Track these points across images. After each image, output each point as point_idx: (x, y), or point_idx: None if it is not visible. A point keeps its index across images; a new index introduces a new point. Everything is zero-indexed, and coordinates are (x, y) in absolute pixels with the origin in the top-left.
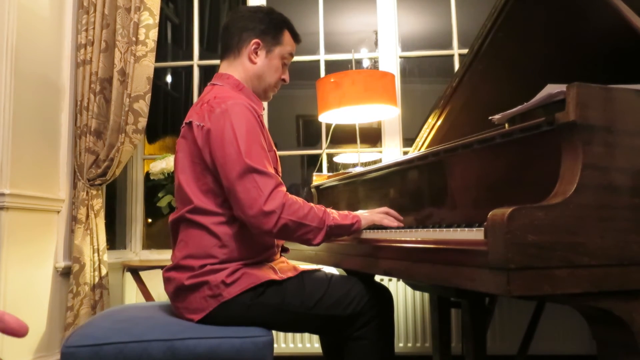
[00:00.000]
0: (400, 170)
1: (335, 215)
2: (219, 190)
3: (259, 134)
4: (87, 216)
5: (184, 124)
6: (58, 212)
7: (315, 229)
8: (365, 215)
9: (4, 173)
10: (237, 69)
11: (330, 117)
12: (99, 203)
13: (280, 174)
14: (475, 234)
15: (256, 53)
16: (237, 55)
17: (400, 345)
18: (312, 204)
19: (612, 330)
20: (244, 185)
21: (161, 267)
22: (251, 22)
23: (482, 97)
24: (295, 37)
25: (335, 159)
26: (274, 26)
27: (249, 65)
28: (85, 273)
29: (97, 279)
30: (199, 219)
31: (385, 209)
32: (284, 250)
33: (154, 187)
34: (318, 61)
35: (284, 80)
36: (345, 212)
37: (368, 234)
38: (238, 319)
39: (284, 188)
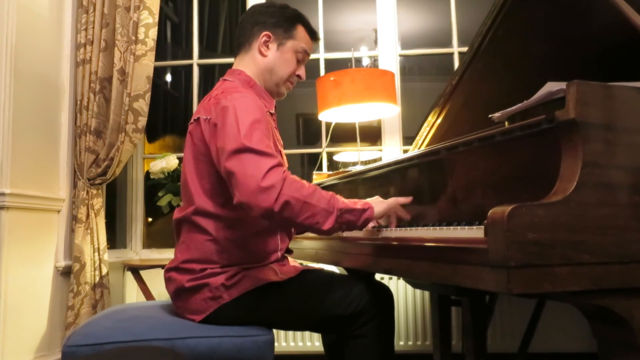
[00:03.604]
0: (401, 168)
1: (345, 200)
2: (223, 190)
3: (264, 125)
4: (88, 215)
5: (192, 121)
6: (58, 211)
7: (323, 211)
8: (377, 204)
9: (4, 173)
10: (248, 63)
11: (330, 115)
12: (99, 202)
13: None
14: (475, 232)
15: (267, 46)
16: (247, 50)
17: (400, 343)
18: (318, 187)
19: (612, 327)
20: (240, 163)
21: (162, 267)
22: (262, 16)
23: (482, 95)
24: (312, 34)
25: (335, 158)
26: (285, 19)
27: (260, 58)
28: (85, 272)
29: (97, 278)
30: (202, 222)
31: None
32: (288, 251)
33: (154, 186)
34: (318, 59)
35: (299, 76)
36: (354, 200)
37: (366, 233)
38: (239, 320)
39: (285, 168)
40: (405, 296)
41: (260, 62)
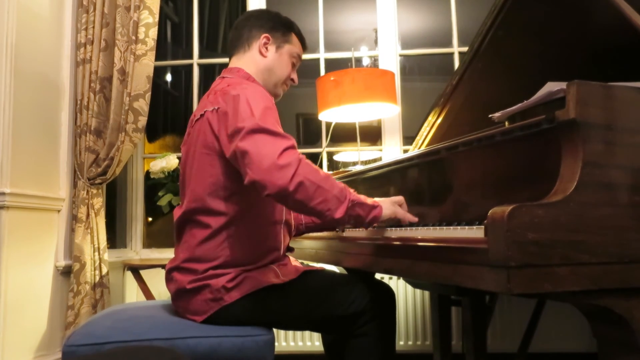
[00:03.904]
0: (401, 168)
1: (356, 194)
2: (227, 183)
3: (275, 114)
4: (88, 215)
5: (197, 117)
6: (58, 211)
7: (335, 198)
8: (387, 204)
9: (4, 172)
10: (247, 62)
11: (330, 115)
12: (99, 202)
13: None
14: (475, 232)
15: (266, 47)
16: (247, 49)
17: (400, 343)
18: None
19: (612, 327)
20: (255, 143)
21: (162, 266)
22: (260, 20)
23: (482, 95)
24: (303, 42)
25: (336, 158)
26: (282, 25)
27: (260, 58)
28: (85, 272)
29: (97, 278)
30: (204, 219)
31: (401, 198)
32: (289, 249)
33: (154, 185)
34: (318, 59)
35: (292, 80)
36: (364, 196)
37: (367, 233)
38: (240, 320)
39: (299, 152)
40: (405, 296)
41: (260, 62)
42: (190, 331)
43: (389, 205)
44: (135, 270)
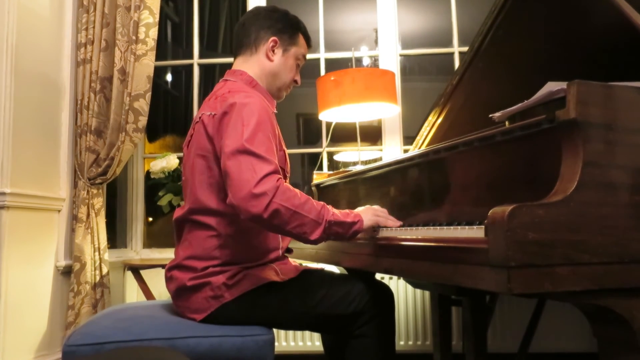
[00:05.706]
0: (401, 168)
1: (336, 212)
2: (224, 184)
3: (268, 127)
4: (88, 215)
5: (197, 120)
6: (59, 211)
7: (312, 222)
8: (367, 216)
9: (4, 172)
10: (252, 65)
11: (330, 115)
12: (99, 202)
13: (289, 174)
14: (475, 232)
15: (273, 51)
16: (253, 52)
17: (401, 343)
18: (310, 197)
19: (612, 327)
20: (238, 165)
21: (162, 266)
22: (269, 21)
23: (483, 95)
24: (308, 41)
25: (336, 157)
26: (290, 26)
27: (266, 62)
28: (86, 272)
29: (98, 278)
30: (204, 219)
31: (384, 210)
32: (288, 251)
33: (154, 185)
34: (318, 59)
35: (295, 81)
36: (346, 210)
37: (366, 233)
38: (239, 319)
39: (280, 176)
40: (405, 296)
41: (267, 66)
42: (190, 331)
43: (370, 216)
44: (136, 270)
